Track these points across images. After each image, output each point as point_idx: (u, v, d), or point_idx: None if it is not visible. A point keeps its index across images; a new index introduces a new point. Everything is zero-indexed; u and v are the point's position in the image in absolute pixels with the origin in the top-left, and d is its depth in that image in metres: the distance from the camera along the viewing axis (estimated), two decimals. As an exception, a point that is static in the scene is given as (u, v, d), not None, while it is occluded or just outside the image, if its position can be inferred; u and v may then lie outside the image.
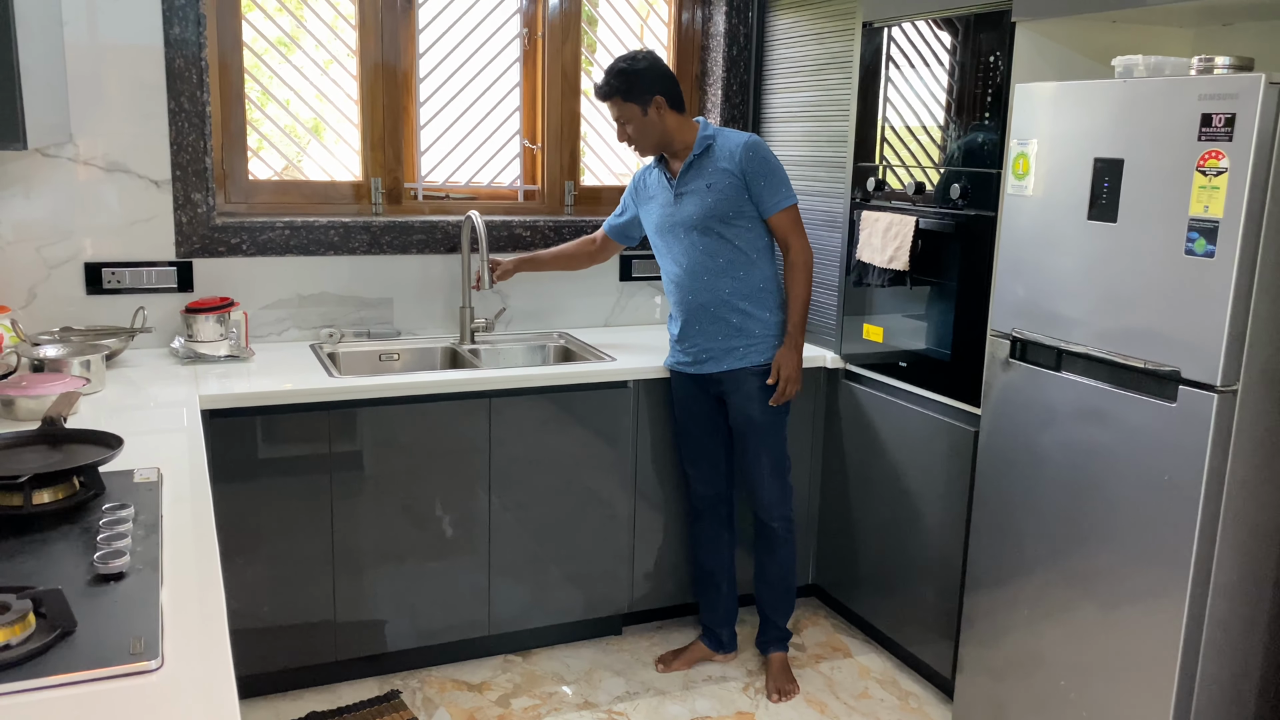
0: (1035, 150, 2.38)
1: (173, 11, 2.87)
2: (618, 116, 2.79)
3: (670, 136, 2.80)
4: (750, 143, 2.75)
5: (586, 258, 3.26)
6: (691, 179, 2.79)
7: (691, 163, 2.79)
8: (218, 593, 1.45)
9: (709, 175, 2.76)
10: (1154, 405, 2.12)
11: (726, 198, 2.75)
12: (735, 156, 2.74)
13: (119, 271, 2.95)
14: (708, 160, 2.78)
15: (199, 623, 1.37)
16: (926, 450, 2.87)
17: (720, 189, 2.75)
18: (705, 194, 2.76)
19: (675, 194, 2.82)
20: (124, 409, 2.40)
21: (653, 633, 3.25)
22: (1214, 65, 2.05)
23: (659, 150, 2.85)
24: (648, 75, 2.75)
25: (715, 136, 2.79)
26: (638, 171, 3.02)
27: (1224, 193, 1.94)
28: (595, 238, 3.22)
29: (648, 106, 2.75)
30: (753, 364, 2.83)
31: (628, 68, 2.75)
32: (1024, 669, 2.51)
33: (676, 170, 2.83)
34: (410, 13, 3.31)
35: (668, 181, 2.85)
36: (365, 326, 3.27)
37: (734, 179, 2.74)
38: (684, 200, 2.81)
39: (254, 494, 2.64)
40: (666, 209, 2.86)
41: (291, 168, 3.28)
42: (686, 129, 2.81)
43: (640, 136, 2.79)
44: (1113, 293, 2.19)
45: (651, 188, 2.93)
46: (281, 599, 2.73)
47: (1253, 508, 2.09)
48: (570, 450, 2.99)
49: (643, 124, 2.77)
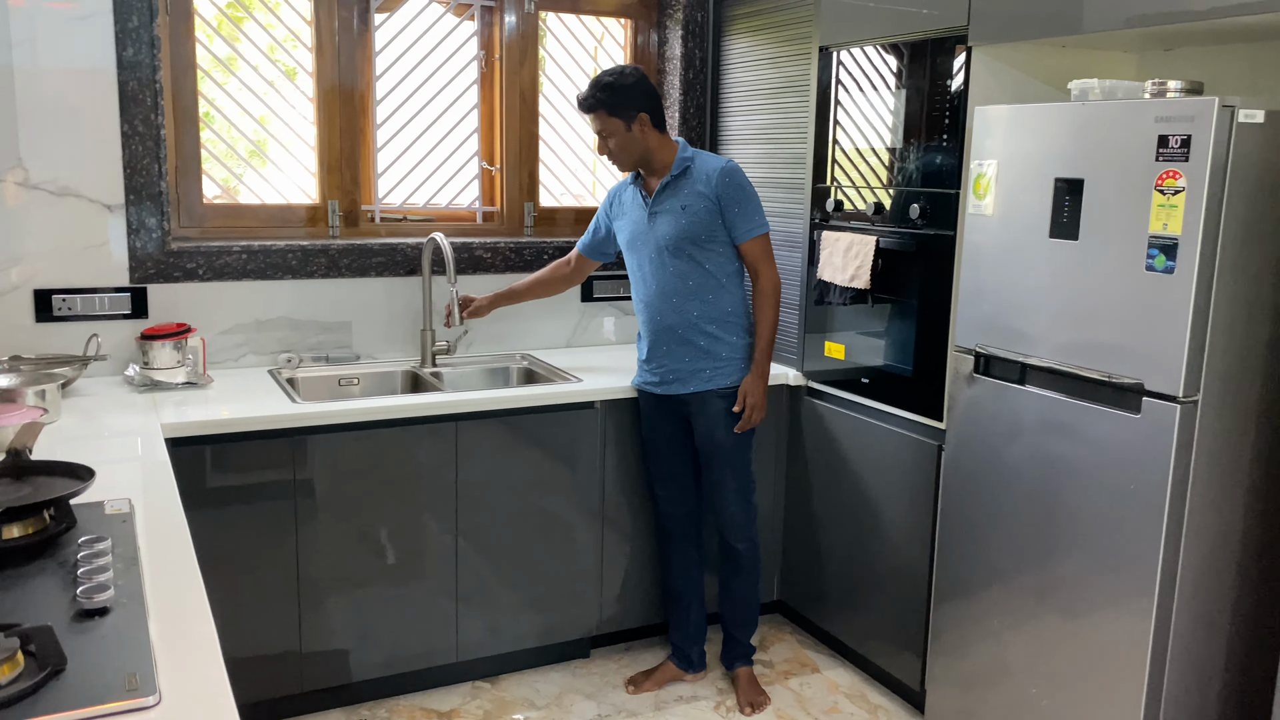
0: (995, 171, 2.44)
1: (126, 34, 2.82)
2: (600, 130, 2.80)
3: (650, 154, 2.82)
4: (727, 168, 2.77)
5: (562, 281, 3.25)
6: (667, 199, 2.81)
7: (668, 183, 2.81)
8: (208, 624, 1.42)
9: (684, 197, 2.78)
10: (1118, 417, 2.18)
11: (700, 221, 2.77)
12: (712, 181, 2.76)
13: (70, 298, 2.88)
14: (684, 182, 2.80)
15: (192, 655, 1.34)
16: (890, 465, 2.92)
17: (694, 212, 2.77)
18: (679, 215, 2.78)
19: (649, 212, 2.84)
20: (82, 439, 2.33)
21: (621, 654, 3.24)
22: (1167, 89, 2.13)
23: (637, 166, 2.86)
24: (634, 91, 2.76)
25: (694, 159, 2.81)
26: (613, 187, 3.04)
27: (1182, 211, 2.01)
28: (569, 259, 3.22)
29: (631, 122, 2.76)
30: (718, 387, 2.85)
31: (615, 82, 2.75)
32: (993, 679, 2.56)
33: (653, 188, 2.85)
34: (367, 35, 3.29)
35: (643, 199, 2.87)
36: (324, 351, 3.22)
37: (708, 203, 2.76)
38: (657, 219, 2.82)
39: (216, 523, 2.58)
40: (640, 226, 2.87)
41: (246, 191, 3.22)
42: (666, 148, 2.83)
43: (621, 152, 2.80)
44: (1075, 308, 2.26)
45: (626, 203, 2.94)
46: (244, 630, 2.67)
47: (1214, 514, 2.16)
48: (537, 472, 2.97)
49: (625, 139, 2.78)
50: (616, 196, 3.01)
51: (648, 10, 3.68)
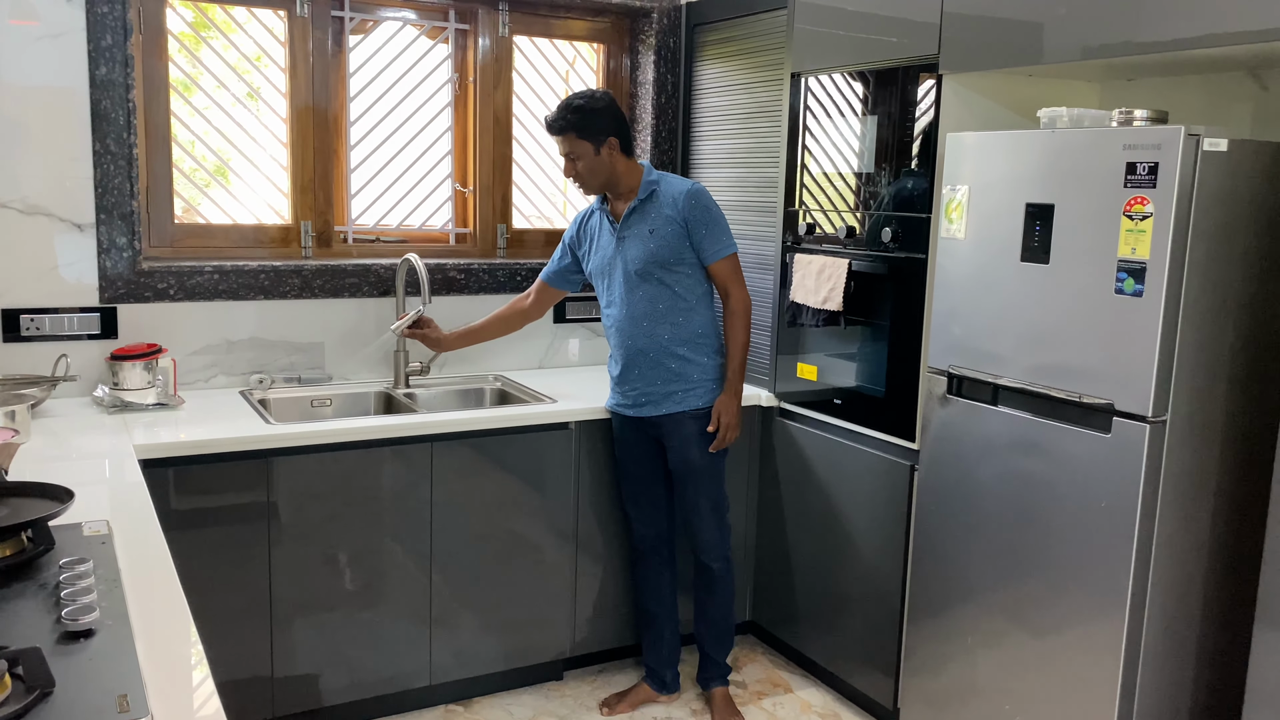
0: (966, 196, 2.50)
1: (99, 52, 2.80)
2: (568, 152, 2.81)
3: (618, 178, 2.84)
4: (693, 190, 2.80)
5: (520, 316, 3.21)
6: (635, 223, 2.83)
7: (635, 207, 2.82)
8: (195, 644, 1.41)
9: (651, 220, 2.80)
10: (1089, 436, 2.23)
11: (668, 244, 2.79)
12: (678, 204, 2.78)
13: (38, 318, 2.83)
14: (651, 206, 2.82)
15: (181, 676, 1.33)
16: (862, 485, 2.95)
17: (662, 235, 2.79)
18: (648, 239, 2.80)
19: (617, 237, 2.86)
20: (53, 460, 2.30)
21: (594, 676, 3.23)
22: (1133, 118, 2.19)
23: (604, 190, 2.88)
24: (604, 115, 2.78)
25: (659, 182, 2.84)
26: (578, 215, 3.05)
27: (1150, 235, 2.07)
28: (529, 294, 3.18)
29: (600, 146, 2.78)
30: (690, 408, 2.87)
31: (585, 105, 2.77)
32: (966, 698, 2.58)
33: (620, 212, 2.87)
34: (340, 56, 3.29)
35: (610, 224, 2.89)
36: (296, 372, 3.20)
37: (676, 226, 2.78)
38: (626, 244, 2.84)
39: (187, 545, 2.52)
40: (608, 251, 2.89)
41: (216, 210, 3.20)
42: (633, 173, 2.85)
43: (588, 175, 2.82)
44: (1047, 330, 2.31)
45: (593, 229, 2.96)
46: (215, 654, 2.58)
47: (1183, 532, 2.21)
48: (510, 493, 2.97)
49: (593, 163, 2.80)
50: (583, 223, 3.01)
51: (620, 35, 3.72)
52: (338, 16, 3.26)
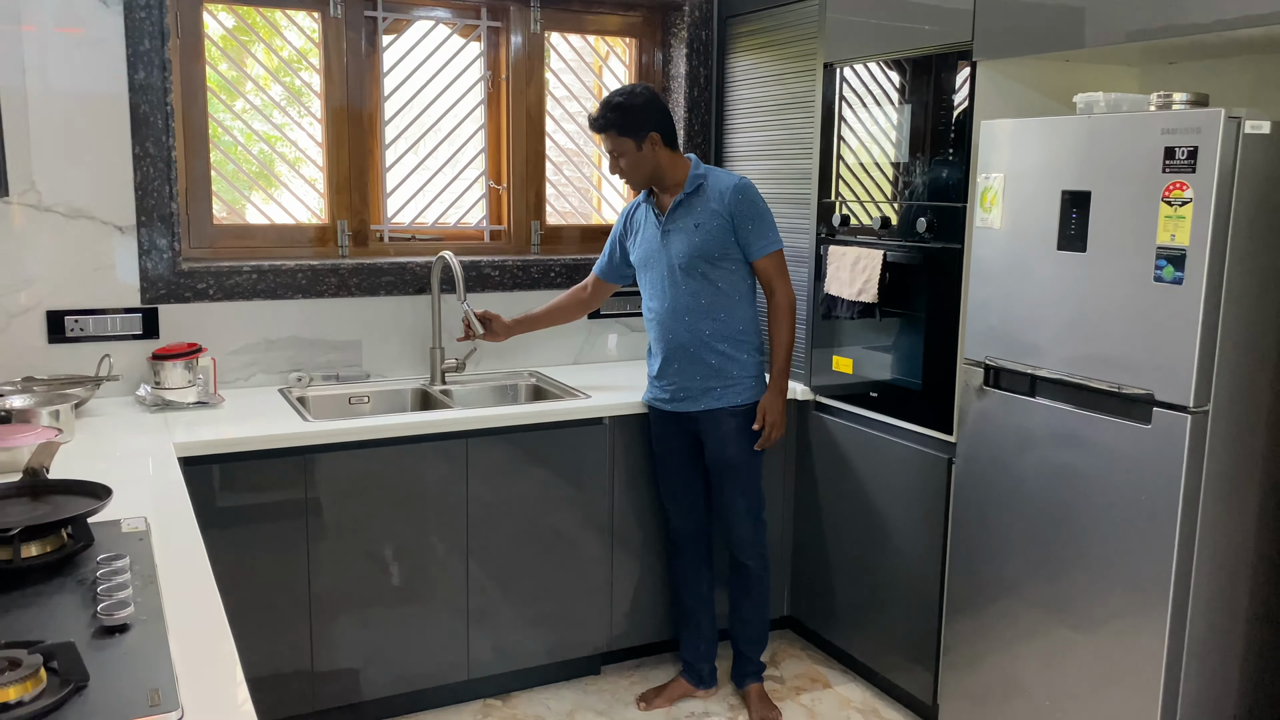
0: (1001, 184, 2.46)
1: (137, 57, 2.84)
2: (611, 149, 2.82)
3: (662, 172, 2.83)
4: (740, 185, 2.79)
5: (579, 307, 3.25)
6: (680, 217, 2.82)
7: (681, 201, 2.82)
8: (227, 640, 1.43)
9: (698, 215, 2.80)
10: (1128, 427, 2.18)
11: (713, 239, 2.78)
12: (725, 198, 2.77)
13: (82, 319, 2.89)
14: (698, 199, 2.81)
15: (213, 671, 1.34)
16: (899, 478, 2.92)
17: (708, 230, 2.78)
18: (693, 233, 2.79)
19: (662, 230, 2.85)
20: (96, 458, 2.34)
21: (632, 671, 3.23)
22: (1172, 101, 2.14)
23: (649, 184, 2.88)
24: (644, 111, 2.78)
25: (706, 176, 2.83)
26: (625, 207, 3.05)
27: (1190, 222, 2.02)
28: (585, 285, 3.22)
29: (642, 142, 2.78)
30: (729, 405, 2.85)
31: (625, 102, 2.78)
32: (1006, 693, 2.55)
33: (665, 205, 2.86)
34: (374, 56, 3.32)
35: (656, 217, 2.88)
36: (334, 369, 3.23)
37: (722, 220, 2.77)
38: (671, 237, 2.83)
39: (229, 542, 2.58)
40: (653, 244, 2.88)
41: (253, 211, 3.24)
42: (678, 166, 2.84)
43: (632, 170, 2.82)
44: (1084, 319, 2.26)
45: (639, 222, 2.96)
46: (256, 649, 2.66)
47: (1226, 524, 2.16)
48: (546, 489, 2.98)
49: (636, 158, 2.80)
50: (629, 216, 3.02)
51: (652, 29, 3.71)
52: (371, 16, 3.28)
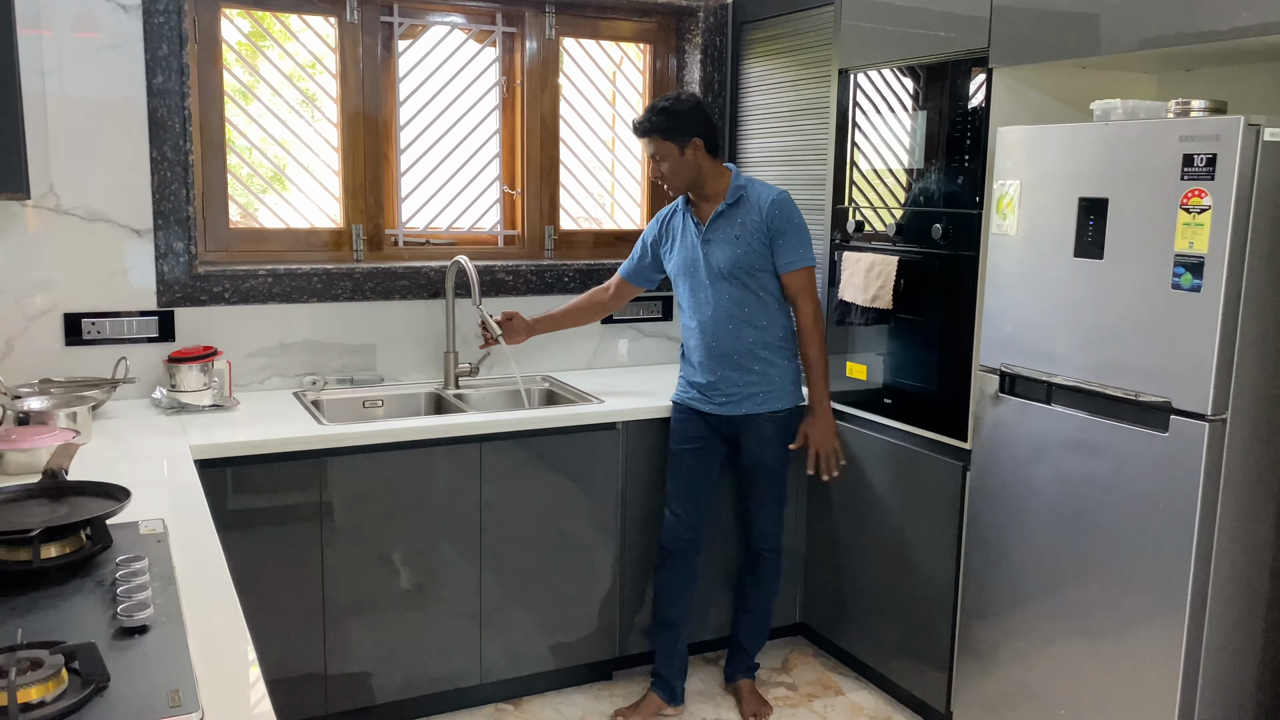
0: (1017, 191, 2.45)
1: (155, 62, 2.86)
2: (654, 154, 2.82)
3: (703, 179, 2.83)
4: (779, 199, 2.79)
5: (599, 308, 3.26)
6: (721, 227, 2.83)
7: (722, 211, 2.82)
8: (245, 642, 1.43)
9: (738, 226, 2.80)
10: (1145, 435, 2.17)
11: (754, 250, 2.79)
12: (764, 210, 2.78)
13: (99, 322, 2.91)
14: (738, 211, 2.81)
15: (232, 672, 1.35)
16: (914, 485, 2.91)
17: (748, 242, 2.79)
18: (734, 245, 2.80)
19: (702, 240, 2.85)
20: (113, 461, 2.35)
21: (644, 677, 3.22)
22: (1190, 108, 2.14)
23: (689, 190, 2.88)
24: (689, 116, 2.79)
25: (747, 187, 2.83)
26: (661, 212, 3.05)
27: (1208, 229, 2.02)
28: (608, 286, 3.22)
29: (685, 147, 2.78)
30: (770, 410, 2.87)
31: (670, 107, 2.79)
32: (1020, 701, 2.54)
33: (705, 214, 2.86)
34: (390, 61, 3.33)
35: (695, 225, 2.89)
36: (348, 373, 3.24)
37: (761, 233, 2.78)
38: (711, 247, 2.84)
39: (243, 544, 2.58)
40: (692, 253, 2.89)
41: (269, 215, 3.26)
42: (719, 175, 2.85)
43: (673, 175, 2.82)
44: (1101, 326, 2.26)
45: (677, 230, 2.96)
46: (269, 651, 2.63)
47: (1244, 533, 2.15)
48: (559, 494, 2.98)
49: (678, 164, 2.80)
50: (665, 222, 3.01)
51: (666, 35, 3.72)
52: (387, 22, 3.30)
